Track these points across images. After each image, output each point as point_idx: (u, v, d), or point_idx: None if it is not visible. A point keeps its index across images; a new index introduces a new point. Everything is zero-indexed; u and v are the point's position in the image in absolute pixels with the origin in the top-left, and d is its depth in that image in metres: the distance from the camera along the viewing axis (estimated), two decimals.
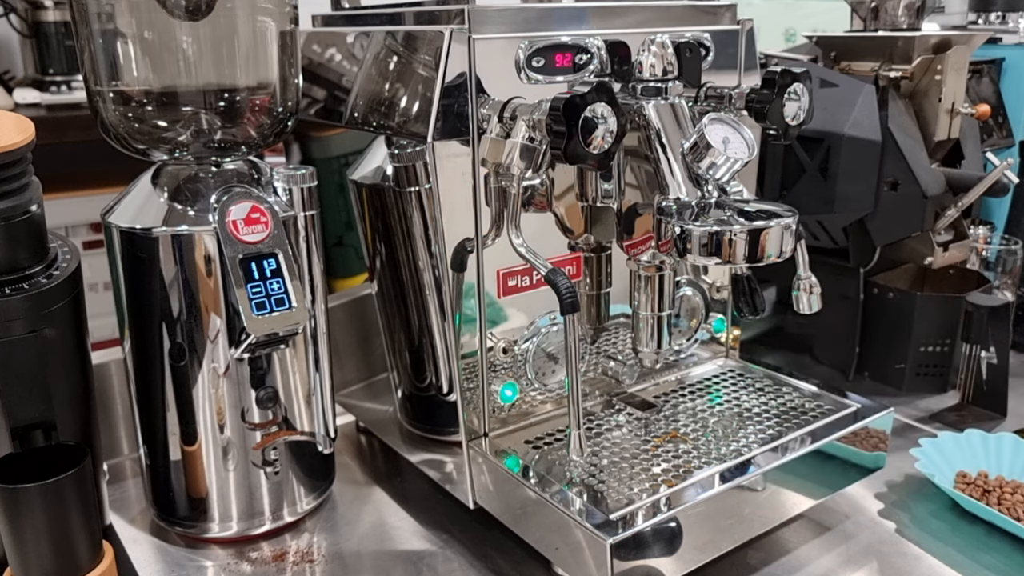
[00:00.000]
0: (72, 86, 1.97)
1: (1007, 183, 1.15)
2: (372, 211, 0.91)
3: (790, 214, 0.70)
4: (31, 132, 0.73)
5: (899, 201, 1.11)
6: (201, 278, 0.78)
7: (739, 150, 0.71)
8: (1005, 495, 0.89)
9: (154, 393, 0.82)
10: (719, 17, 0.91)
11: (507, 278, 0.84)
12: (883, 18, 1.22)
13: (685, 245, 0.69)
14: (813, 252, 0.95)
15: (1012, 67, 1.38)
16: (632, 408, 0.92)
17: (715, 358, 1.03)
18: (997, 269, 1.27)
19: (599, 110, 0.68)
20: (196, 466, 0.84)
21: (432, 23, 0.80)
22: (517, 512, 0.80)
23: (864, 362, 1.20)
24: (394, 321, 0.94)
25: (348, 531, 0.90)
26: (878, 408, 0.89)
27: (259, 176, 0.82)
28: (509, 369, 0.86)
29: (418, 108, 0.77)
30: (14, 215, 0.72)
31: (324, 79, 0.94)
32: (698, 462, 0.81)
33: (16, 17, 1.99)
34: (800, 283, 0.88)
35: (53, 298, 0.74)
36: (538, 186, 0.82)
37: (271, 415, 0.84)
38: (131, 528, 0.90)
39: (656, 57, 0.75)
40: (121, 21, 0.76)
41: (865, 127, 1.09)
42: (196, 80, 0.78)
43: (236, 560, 0.85)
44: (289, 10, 0.82)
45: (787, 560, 0.84)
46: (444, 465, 0.90)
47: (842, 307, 1.19)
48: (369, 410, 1.06)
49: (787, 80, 0.76)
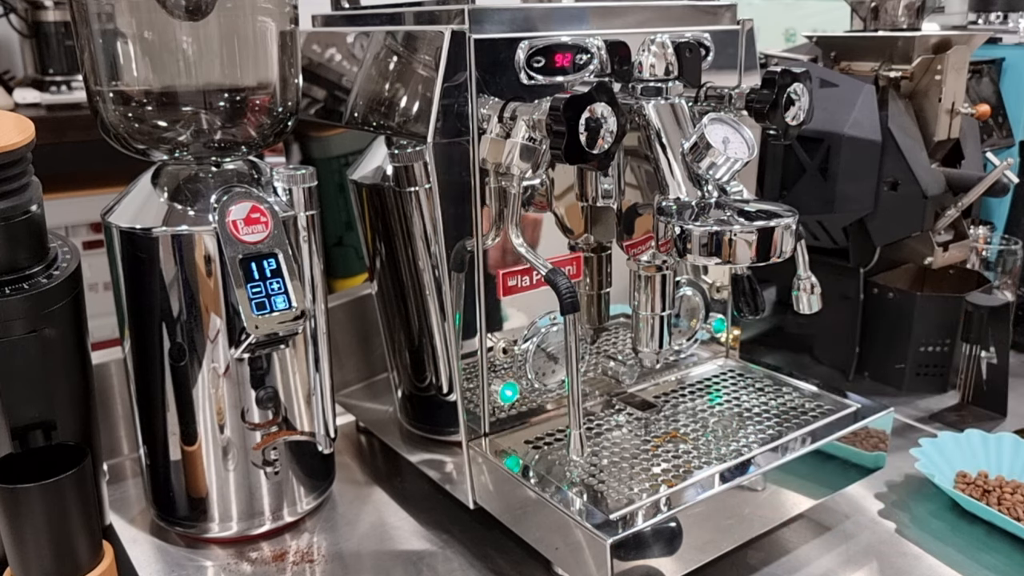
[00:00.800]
0: (72, 86, 1.97)
1: (1007, 183, 1.15)
2: (372, 211, 0.91)
3: (790, 214, 0.70)
4: (31, 132, 0.73)
5: (899, 201, 1.11)
6: (201, 278, 0.78)
7: (739, 150, 0.71)
8: (1005, 495, 0.89)
9: (154, 393, 0.82)
10: (719, 17, 0.91)
11: (507, 278, 0.84)
12: (883, 18, 1.22)
13: (685, 245, 0.69)
14: (813, 252, 0.95)
15: (1012, 67, 1.38)
16: (632, 408, 0.92)
17: (715, 358, 1.03)
18: (997, 269, 1.27)
19: (599, 110, 0.68)
20: (196, 466, 0.84)
21: (432, 23, 0.80)
22: (517, 512, 0.80)
23: (864, 362, 1.20)
24: (394, 321, 0.94)
25: (348, 531, 0.90)
26: (878, 408, 0.89)
27: (259, 176, 0.82)
28: (509, 369, 0.86)
29: (418, 108, 0.77)
30: (14, 215, 0.72)
31: (324, 79, 0.94)
32: (698, 462, 0.81)
33: (16, 17, 1.99)
34: (800, 283, 0.88)
35: (53, 298, 0.74)
36: (538, 186, 0.82)
37: (271, 415, 0.84)
38: (131, 528, 0.90)
39: (656, 57, 0.75)
40: (121, 21, 0.76)
41: (865, 127, 1.09)
42: (196, 80, 0.78)
43: (236, 560, 0.85)
44: (289, 10, 0.82)
45: (787, 560, 0.84)
46: (444, 465, 0.90)
47: (842, 307, 1.19)
48: (369, 410, 1.06)
49: (787, 80, 0.76)
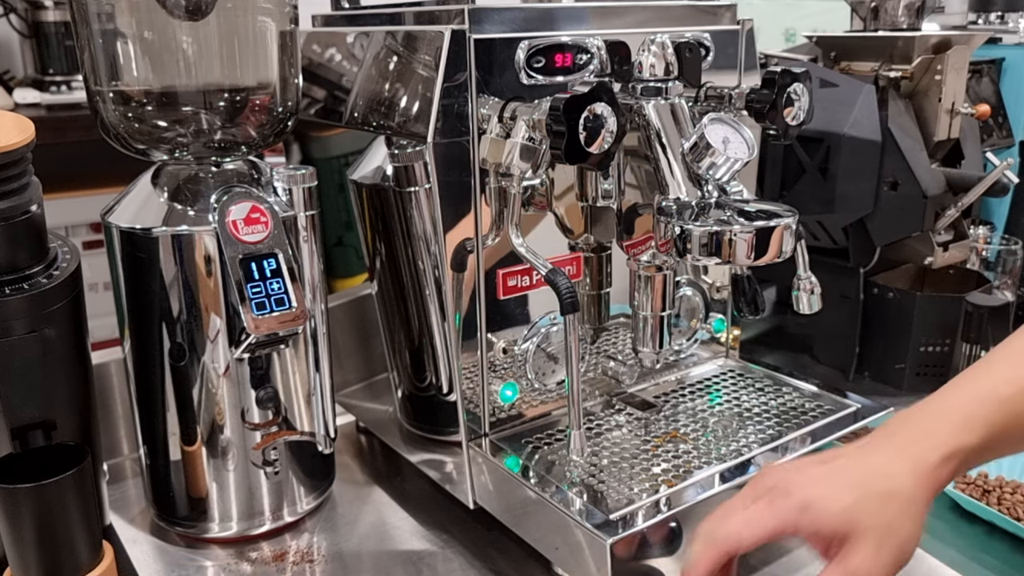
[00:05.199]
0: (72, 86, 1.97)
1: (1007, 183, 1.15)
2: (372, 211, 0.91)
3: (790, 214, 0.70)
4: (31, 132, 0.73)
5: (899, 201, 1.11)
6: (201, 278, 0.78)
7: (739, 150, 0.71)
8: (1005, 495, 0.89)
9: (154, 393, 0.82)
10: (719, 17, 0.91)
11: (507, 278, 0.84)
12: (883, 18, 1.22)
13: (685, 245, 0.69)
14: (813, 252, 0.95)
15: (1012, 67, 1.38)
16: (632, 408, 0.92)
17: (715, 358, 1.03)
18: (997, 269, 1.27)
19: (599, 110, 0.68)
20: (196, 466, 0.84)
21: (432, 23, 0.80)
22: (517, 512, 0.80)
23: (864, 362, 1.20)
24: (394, 321, 0.94)
25: (348, 531, 0.90)
26: (878, 408, 0.89)
27: (259, 176, 0.82)
28: (509, 369, 0.86)
29: (418, 108, 0.77)
30: (14, 215, 0.72)
31: (324, 79, 0.94)
32: (698, 462, 0.81)
33: (16, 17, 1.99)
34: (800, 283, 0.88)
35: (53, 298, 0.74)
36: (538, 186, 0.82)
37: (271, 415, 0.84)
38: (131, 528, 0.90)
39: (656, 57, 0.75)
40: (121, 21, 0.76)
41: (865, 127, 1.09)
42: (196, 80, 0.78)
43: (236, 560, 0.85)
44: (289, 10, 0.82)
45: (787, 560, 0.84)
46: (444, 465, 0.90)
47: (842, 307, 1.19)
48: (369, 410, 1.06)
49: (787, 80, 0.76)
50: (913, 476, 0.58)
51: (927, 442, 0.60)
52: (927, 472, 0.59)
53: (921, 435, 0.61)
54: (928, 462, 0.59)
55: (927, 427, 0.61)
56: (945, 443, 0.59)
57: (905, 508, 0.57)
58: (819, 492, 0.59)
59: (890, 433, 0.62)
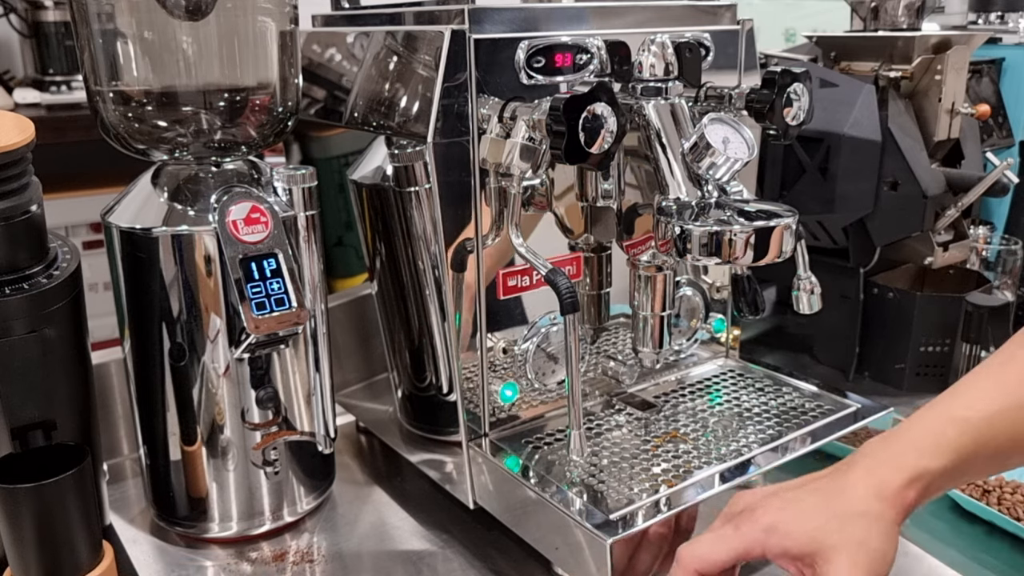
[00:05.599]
0: (72, 86, 1.97)
1: (1007, 183, 1.15)
2: (372, 211, 0.91)
3: (790, 214, 0.70)
4: (31, 132, 0.73)
5: (899, 201, 1.11)
6: (201, 278, 0.78)
7: (739, 150, 0.71)
8: (1005, 495, 0.89)
9: (154, 393, 0.82)
10: (719, 17, 0.91)
11: (507, 278, 0.84)
12: (883, 18, 1.22)
13: (685, 245, 0.69)
14: (813, 252, 0.95)
15: (1012, 67, 1.38)
16: (632, 408, 0.92)
17: (715, 358, 1.03)
18: (997, 269, 1.27)
19: (599, 110, 0.68)
20: (196, 466, 0.84)
21: (432, 23, 0.80)
22: (517, 512, 0.80)
23: (864, 362, 1.20)
24: (394, 321, 0.94)
25: (348, 531, 0.90)
26: (878, 408, 0.89)
27: (259, 176, 0.82)
28: (509, 369, 0.86)
29: (418, 108, 0.77)
30: (14, 215, 0.72)
31: (324, 79, 0.94)
32: (698, 462, 0.81)
33: (16, 17, 1.99)
34: (800, 283, 0.88)
35: (53, 298, 0.74)
36: (538, 186, 0.82)
37: (271, 415, 0.84)
38: (131, 528, 0.90)
39: (656, 57, 0.75)
40: (121, 21, 0.76)
41: (865, 127, 1.09)
42: (196, 80, 0.78)
43: (236, 560, 0.85)
44: (289, 10, 0.82)
45: None
46: (444, 465, 0.90)
47: (842, 307, 1.19)
48: (369, 410, 1.06)
49: (787, 80, 0.76)
50: (878, 499, 0.59)
51: (893, 464, 0.61)
52: (892, 495, 0.59)
53: (889, 457, 0.61)
54: (892, 485, 0.60)
55: (896, 450, 0.62)
56: (911, 466, 0.60)
57: (872, 526, 0.58)
58: (785, 515, 0.60)
59: (864, 455, 0.63)
